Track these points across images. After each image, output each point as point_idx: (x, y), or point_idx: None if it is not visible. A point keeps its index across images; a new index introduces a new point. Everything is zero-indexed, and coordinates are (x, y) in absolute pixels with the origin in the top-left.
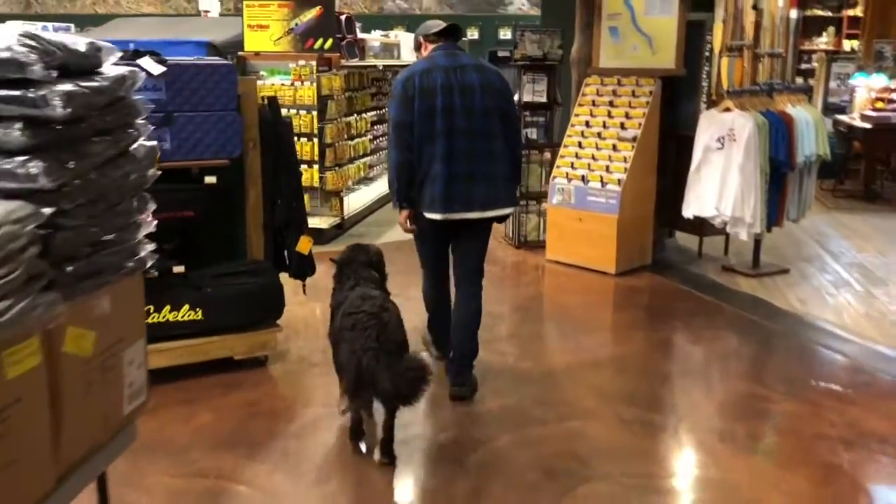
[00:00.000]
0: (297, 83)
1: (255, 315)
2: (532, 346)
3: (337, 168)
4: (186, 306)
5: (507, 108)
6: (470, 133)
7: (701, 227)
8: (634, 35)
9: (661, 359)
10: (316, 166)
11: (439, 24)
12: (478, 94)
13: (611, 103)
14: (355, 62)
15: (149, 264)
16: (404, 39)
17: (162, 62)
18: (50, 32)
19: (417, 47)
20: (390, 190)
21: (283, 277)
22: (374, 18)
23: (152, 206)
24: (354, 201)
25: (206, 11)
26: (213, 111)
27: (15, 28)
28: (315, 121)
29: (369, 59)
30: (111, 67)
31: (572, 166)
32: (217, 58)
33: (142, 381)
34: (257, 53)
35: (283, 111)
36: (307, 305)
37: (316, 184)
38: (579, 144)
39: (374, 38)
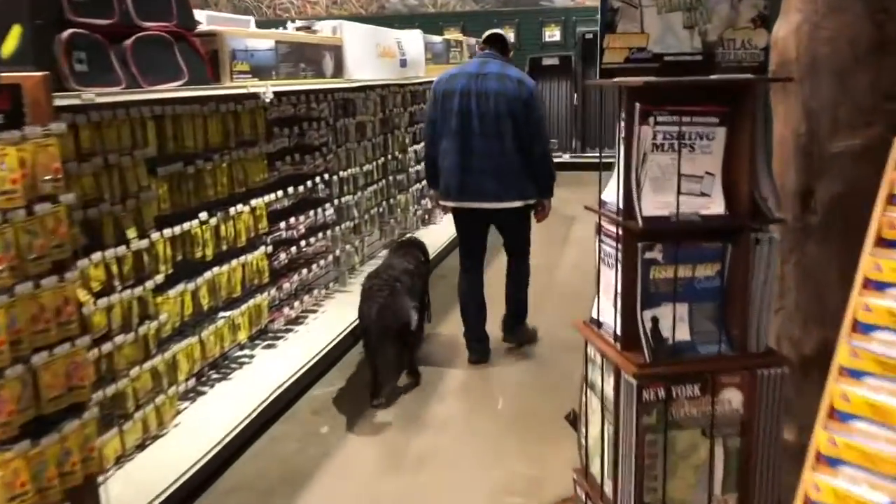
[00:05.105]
0: None
1: None
2: None
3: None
4: None
5: (519, 112)
6: (484, 133)
7: None
8: None
9: None
10: None
11: (488, 33)
12: (492, 99)
13: None
14: (173, 88)
15: None
16: (411, 41)
17: None
18: None
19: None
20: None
21: None
22: (376, 20)
23: None
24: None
25: None
26: None
27: None
28: None
29: (238, 78)
30: None
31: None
32: None
33: None
34: None
35: None
36: None
37: None
38: None
39: (256, 33)
